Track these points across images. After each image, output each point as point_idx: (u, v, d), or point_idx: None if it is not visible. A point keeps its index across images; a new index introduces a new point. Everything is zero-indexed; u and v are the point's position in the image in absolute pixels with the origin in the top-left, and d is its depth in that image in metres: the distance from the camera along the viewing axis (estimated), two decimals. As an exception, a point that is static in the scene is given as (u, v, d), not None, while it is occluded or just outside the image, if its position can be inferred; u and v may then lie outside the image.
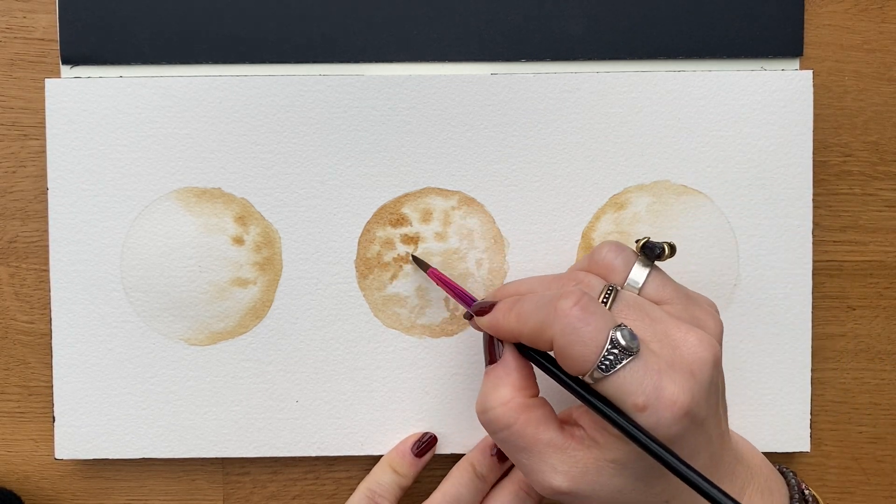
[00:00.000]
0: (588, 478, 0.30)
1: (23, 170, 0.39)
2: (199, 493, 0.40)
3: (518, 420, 0.31)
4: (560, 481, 0.30)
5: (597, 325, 0.29)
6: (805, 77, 0.38)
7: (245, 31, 0.38)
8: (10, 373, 0.39)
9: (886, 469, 0.41)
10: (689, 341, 0.30)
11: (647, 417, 0.28)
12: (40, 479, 0.40)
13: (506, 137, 0.38)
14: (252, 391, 0.38)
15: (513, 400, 0.31)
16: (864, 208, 0.40)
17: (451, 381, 0.39)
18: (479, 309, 0.33)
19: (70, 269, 0.38)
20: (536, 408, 0.31)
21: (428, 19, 0.39)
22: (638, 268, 0.33)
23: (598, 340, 0.29)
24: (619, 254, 0.33)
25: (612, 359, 0.28)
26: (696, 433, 0.30)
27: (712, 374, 0.30)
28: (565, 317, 0.29)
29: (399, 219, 0.38)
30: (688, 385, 0.29)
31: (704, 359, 0.30)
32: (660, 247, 0.32)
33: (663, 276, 0.33)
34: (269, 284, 0.38)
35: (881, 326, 0.40)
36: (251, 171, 0.38)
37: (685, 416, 0.29)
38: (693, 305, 0.32)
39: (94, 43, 0.38)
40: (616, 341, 0.28)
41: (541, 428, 0.31)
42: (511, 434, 0.31)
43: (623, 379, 0.28)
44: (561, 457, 0.31)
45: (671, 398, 0.28)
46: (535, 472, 0.31)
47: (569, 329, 0.29)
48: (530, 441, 0.31)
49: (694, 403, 0.29)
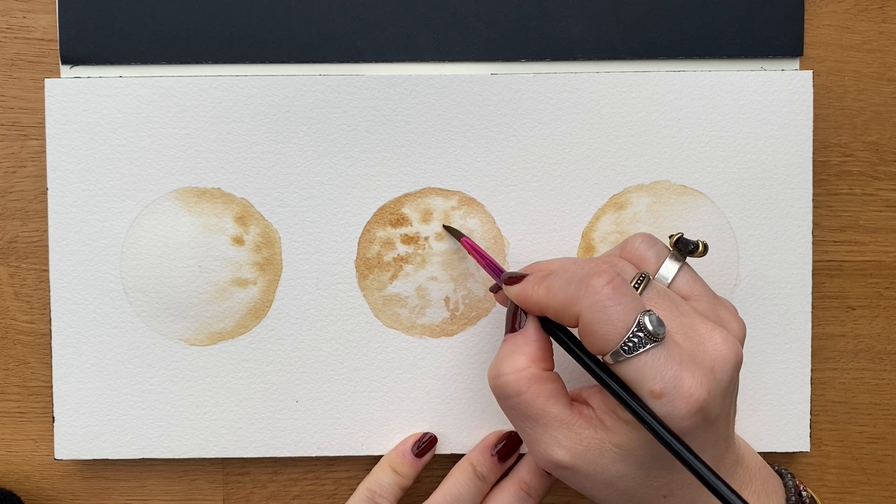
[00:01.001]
0: (590, 457, 0.31)
1: (23, 170, 0.39)
2: (199, 493, 0.40)
3: (529, 389, 0.31)
4: (561, 455, 0.31)
5: (626, 307, 0.29)
6: (805, 77, 0.38)
7: (245, 31, 0.38)
8: (10, 373, 0.39)
9: (886, 469, 0.41)
10: (714, 339, 0.30)
11: (661, 406, 0.28)
12: (40, 479, 0.40)
13: (506, 137, 0.38)
14: (252, 391, 0.38)
15: (527, 369, 0.31)
16: (864, 208, 0.40)
17: (451, 381, 0.39)
18: (509, 278, 0.33)
19: (70, 269, 0.38)
20: (549, 381, 0.32)
21: (428, 19, 0.39)
22: (669, 262, 0.33)
23: (625, 321, 0.29)
24: (651, 246, 0.33)
25: (636, 341, 0.28)
26: (706, 431, 0.30)
27: (732, 374, 0.30)
28: (596, 294, 0.29)
29: (399, 219, 0.38)
30: (707, 381, 0.29)
31: (727, 358, 0.30)
32: (694, 243, 0.32)
33: (693, 273, 0.33)
34: (269, 284, 0.38)
35: (881, 326, 0.40)
36: (251, 171, 0.38)
37: (699, 412, 0.29)
38: (719, 305, 0.33)
39: (94, 43, 0.38)
40: (643, 325, 0.29)
41: (550, 401, 0.31)
42: (520, 402, 0.31)
43: (644, 364, 0.29)
44: (566, 432, 0.31)
45: (688, 390, 0.28)
46: (539, 442, 0.31)
47: (598, 306, 0.29)
48: (538, 412, 0.31)
49: (710, 400, 0.29)
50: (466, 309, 0.39)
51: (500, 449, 0.37)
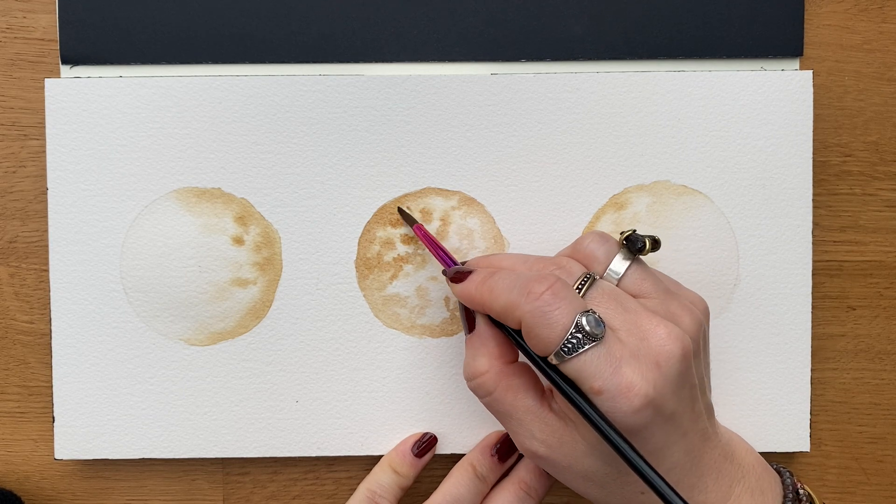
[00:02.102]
0: (564, 449, 0.31)
1: (23, 170, 0.39)
2: (199, 493, 0.40)
3: (497, 388, 0.32)
4: (537, 447, 0.32)
5: (564, 310, 0.29)
6: (805, 77, 0.38)
7: (245, 31, 0.38)
8: (10, 373, 0.39)
9: (886, 469, 0.41)
10: (658, 333, 0.30)
11: (602, 402, 0.29)
12: (40, 479, 0.40)
13: (506, 137, 0.38)
14: (252, 391, 0.38)
15: (491, 369, 0.33)
16: (864, 208, 0.40)
17: (451, 381, 0.39)
18: (455, 274, 0.34)
19: (70, 269, 0.38)
20: (515, 375, 0.33)
21: (428, 19, 0.39)
22: (619, 259, 0.33)
23: (563, 324, 0.29)
24: (602, 244, 0.34)
25: (574, 343, 0.29)
26: (665, 427, 0.30)
27: (680, 367, 0.30)
28: (536, 300, 0.30)
29: (399, 219, 0.38)
30: (651, 375, 0.29)
31: (671, 351, 0.30)
32: (642, 240, 0.33)
33: (644, 269, 0.33)
34: (269, 284, 0.38)
35: (881, 326, 0.40)
36: (251, 171, 0.38)
37: (645, 406, 0.29)
38: (671, 301, 0.33)
39: (94, 43, 0.38)
40: (581, 326, 0.29)
41: (519, 395, 0.32)
42: (492, 400, 0.33)
43: (583, 363, 0.29)
44: (538, 425, 0.32)
45: (628, 384, 0.29)
46: (516, 434, 0.33)
47: (537, 312, 0.30)
48: (509, 407, 0.32)
49: (657, 394, 0.29)
50: (466, 309, 0.39)
51: (500, 449, 0.37)
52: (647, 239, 0.33)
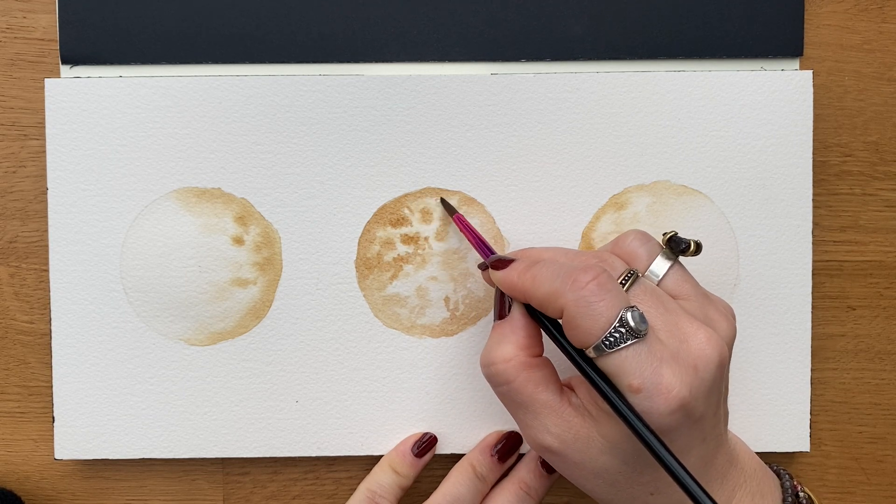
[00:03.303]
0: (578, 445, 0.31)
1: (23, 170, 0.39)
2: (199, 493, 0.40)
3: (518, 377, 0.32)
4: (551, 441, 0.31)
5: (609, 303, 0.29)
6: (805, 77, 0.38)
7: (245, 31, 0.38)
8: (10, 373, 0.39)
9: (886, 469, 0.41)
10: (698, 337, 0.30)
11: (639, 401, 0.29)
12: (40, 479, 0.40)
13: (506, 137, 0.38)
14: (252, 391, 0.38)
15: (515, 358, 0.32)
16: (864, 208, 0.40)
17: (451, 381, 0.39)
18: (495, 262, 0.33)
19: (70, 269, 0.38)
20: (538, 368, 0.32)
21: (428, 19, 0.39)
22: (660, 260, 0.33)
23: (607, 316, 0.29)
24: (644, 243, 0.33)
25: (617, 336, 0.29)
26: (691, 430, 0.30)
27: (716, 374, 0.30)
28: (581, 289, 0.29)
29: (399, 219, 0.38)
30: (688, 379, 0.29)
31: (710, 357, 0.30)
32: (686, 242, 0.33)
33: (684, 271, 0.33)
34: (269, 284, 0.38)
35: (881, 326, 0.40)
36: (251, 171, 0.38)
37: (679, 409, 0.29)
38: (709, 305, 0.33)
39: (94, 43, 0.38)
40: (625, 321, 0.29)
41: (539, 388, 0.32)
42: (510, 390, 0.32)
43: (624, 358, 0.29)
44: (555, 419, 0.31)
45: (668, 386, 0.29)
46: (529, 427, 0.32)
47: (582, 301, 0.29)
48: (527, 399, 0.32)
49: (692, 398, 0.29)
50: (466, 309, 0.39)
51: (500, 449, 0.37)
52: (691, 241, 0.33)
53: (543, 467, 0.37)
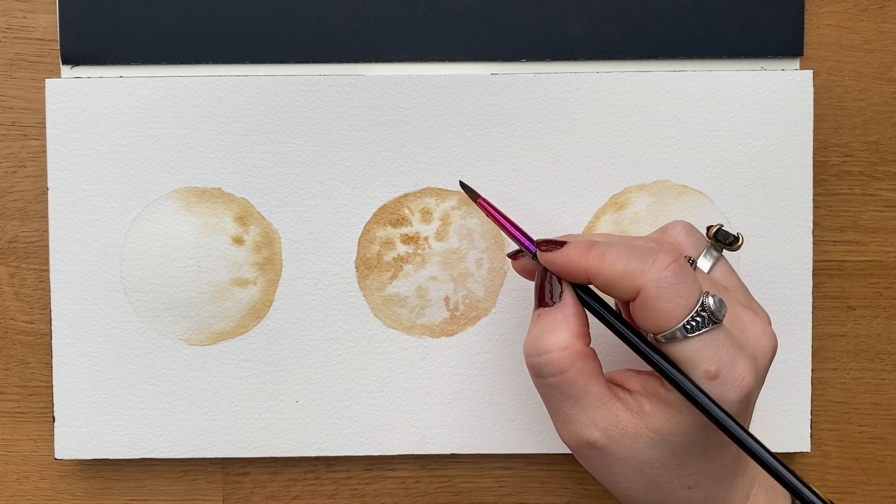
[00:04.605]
0: (625, 440, 0.30)
1: (23, 170, 0.39)
2: (199, 493, 0.40)
3: (573, 367, 0.30)
4: (597, 436, 0.30)
5: (690, 286, 0.29)
6: (805, 77, 0.38)
7: (245, 31, 0.38)
8: (10, 373, 0.39)
9: (887, 469, 0.40)
10: (755, 327, 0.31)
11: (714, 387, 0.28)
12: (40, 479, 0.40)
13: (506, 137, 0.38)
14: (252, 391, 0.38)
15: (571, 346, 0.30)
16: (864, 208, 0.40)
17: (451, 381, 0.39)
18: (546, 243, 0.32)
19: (70, 269, 0.38)
20: (591, 358, 0.31)
21: (428, 19, 0.39)
22: (707, 253, 0.33)
23: (689, 300, 0.28)
24: (691, 235, 0.33)
25: (699, 321, 0.28)
26: (744, 419, 0.30)
27: (768, 365, 0.31)
28: (663, 269, 0.29)
29: (399, 219, 0.38)
30: (752, 367, 0.29)
31: (766, 347, 0.30)
32: (733, 236, 0.33)
33: (728, 265, 0.33)
34: (269, 284, 0.38)
35: (881, 326, 0.40)
36: (251, 171, 0.38)
37: (746, 397, 0.29)
38: (751, 299, 0.33)
39: (94, 43, 0.38)
40: (707, 305, 0.29)
41: (592, 379, 0.30)
42: (562, 380, 0.30)
43: (703, 344, 0.28)
44: (603, 413, 0.30)
45: (741, 374, 0.29)
46: (574, 421, 0.31)
47: (664, 282, 0.29)
48: (579, 391, 0.30)
49: (754, 388, 0.29)
50: (466, 309, 0.39)
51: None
52: (739, 234, 0.33)
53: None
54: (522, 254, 0.33)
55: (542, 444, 0.39)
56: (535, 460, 0.40)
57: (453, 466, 0.40)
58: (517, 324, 0.39)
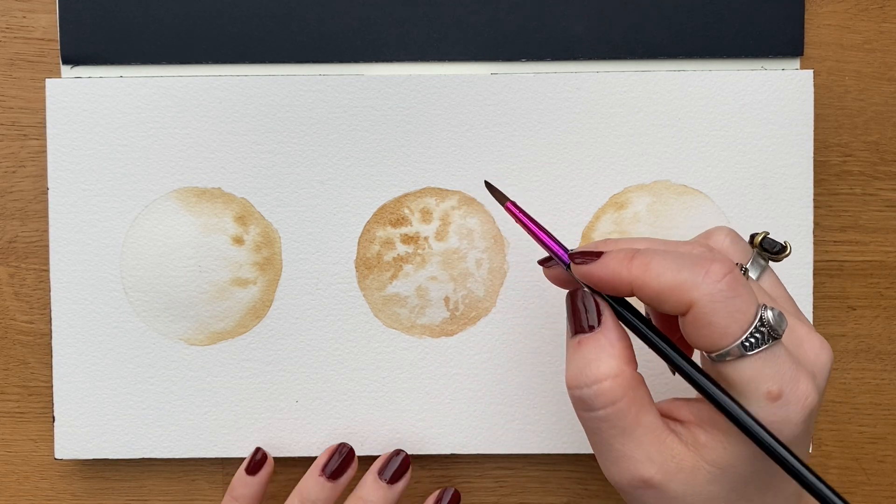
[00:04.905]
0: (682, 476, 0.27)
1: (23, 170, 0.39)
2: (199, 493, 0.40)
3: (626, 396, 0.27)
4: (653, 473, 0.27)
5: (747, 299, 0.26)
6: (805, 77, 0.38)
7: (245, 31, 0.38)
8: (10, 373, 0.39)
9: (887, 469, 0.40)
10: (812, 341, 0.28)
11: (777, 409, 0.26)
12: (40, 480, 0.40)
13: (506, 137, 0.38)
14: (252, 391, 0.38)
15: (623, 373, 0.27)
16: (865, 208, 0.40)
17: (451, 381, 0.39)
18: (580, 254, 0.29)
19: (70, 269, 0.38)
20: (641, 385, 0.28)
21: (428, 19, 0.39)
22: (754, 263, 0.30)
23: (747, 315, 0.26)
24: (736, 242, 0.30)
25: (759, 337, 0.26)
26: (806, 439, 0.28)
27: (827, 380, 0.28)
28: (718, 281, 0.26)
29: (399, 219, 0.38)
30: (814, 384, 0.27)
31: (825, 362, 0.28)
32: (781, 245, 0.30)
33: (775, 275, 0.31)
34: (269, 284, 0.38)
35: (882, 326, 0.40)
36: (251, 171, 0.38)
37: (809, 417, 0.26)
38: (799, 310, 0.30)
39: (94, 43, 0.38)
40: (766, 320, 0.26)
41: (644, 409, 0.27)
42: (614, 412, 0.27)
43: (763, 362, 0.26)
44: (658, 447, 0.27)
45: (805, 393, 0.26)
46: (627, 458, 0.28)
47: (719, 296, 0.26)
48: (632, 422, 0.27)
49: (816, 407, 0.27)
50: (466, 309, 0.39)
51: (331, 468, 0.37)
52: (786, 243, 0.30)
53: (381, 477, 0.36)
54: (554, 262, 0.31)
55: (542, 444, 0.39)
56: (535, 460, 0.40)
57: (453, 466, 0.40)
58: (517, 324, 0.39)
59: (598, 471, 0.40)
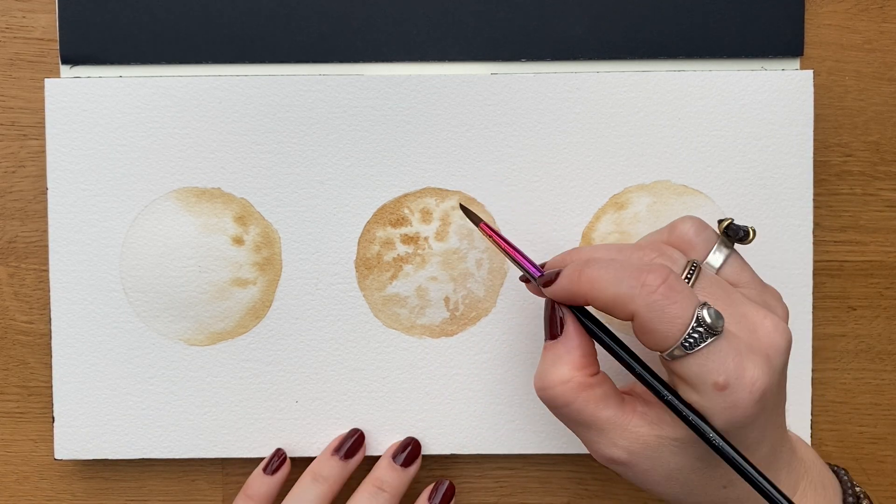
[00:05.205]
0: (648, 453, 0.30)
1: (22, 170, 0.39)
2: (199, 493, 0.40)
3: (577, 399, 0.31)
4: (619, 454, 0.31)
5: (683, 304, 0.28)
6: (805, 77, 0.38)
7: (245, 31, 0.38)
8: (10, 373, 0.39)
9: (887, 469, 0.40)
10: (765, 325, 0.30)
11: (726, 397, 0.28)
12: (40, 480, 0.40)
13: (506, 137, 0.38)
14: (252, 391, 0.38)
15: (572, 380, 0.31)
16: (865, 208, 0.40)
17: (451, 381, 0.39)
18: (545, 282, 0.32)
19: (70, 269, 0.38)
20: (596, 386, 0.31)
21: (428, 19, 0.38)
22: (718, 249, 0.32)
23: (683, 318, 0.28)
24: (700, 231, 0.33)
25: (696, 337, 0.28)
26: (766, 419, 0.30)
27: (785, 360, 0.30)
28: (651, 293, 0.29)
29: (399, 219, 0.38)
30: (766, 368, 0.29)
31: (779, 344, 0.30)
32: (744, 229, 0.32)
33: (741, 259, 0.33)
34: (269, 284, 0.38)
35: (882, 326, 0.40)
36: (251, 171, 0.38)
37: (761, 399, 0.29)
38: (766, 292, 0.32)
39: (93, 43, 0.38)
40: (702, 320, 0.28)
41: (600, 405, 0.31)
42: (570, 411, 0.31)
43: (706, 357, 0.28)
44: (620, 432, 0.31)
45: (751, 379, 0.28)
46: (595, 444, 0.31)
47: (655, 306, 0.28)
48: (589, 418, 0.31)
49: (769, 388, 0.29)
50: (466, 309, 0.39)
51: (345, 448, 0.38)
52: (749, 228, 0.32)
53: (395, 461, 0.37)
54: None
55: (542, 444, 0.39)
56: (535, 460, 0.40)
57: (453, 466, 0.40)
58: (517, 324, 0.39)
59: (598, 471, 0.40)
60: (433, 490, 0.38)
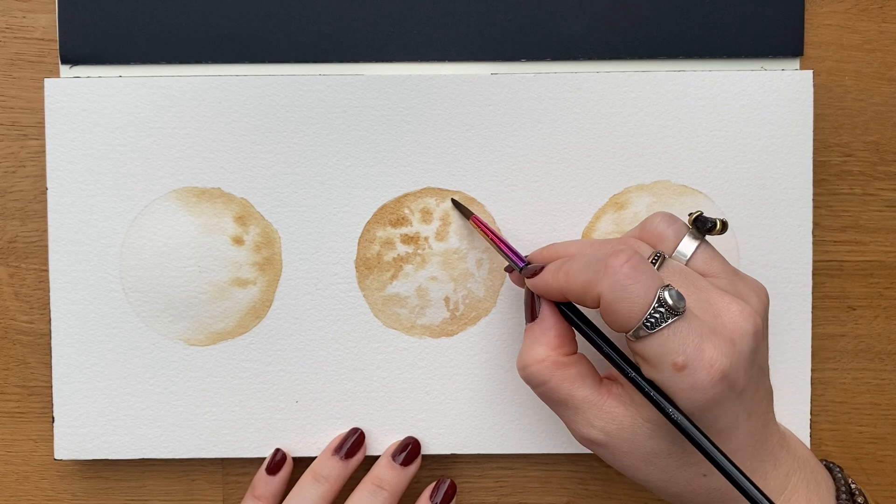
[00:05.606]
0: (624, 434, 0.31)
1: (22, 170, 0.39)
2: (199, 493, 0.40)
3: (553, 377, 0.32)
4: (596, 434, 0.32)
5: (645, 284, 0.29)
6: (805, 77, 0.38)
7: (245, 31, 0.38)
8: (10, 373, 0.39)
9: (887, 469, 0.40)
10: (731, 311, 0.31)
11: (684, 378, 0.29)
12: (40, 480, 0.40)
13: (506, 137, 0.38)
14: (252, 391, 0.38)
15: (547, 358, 0.32)
16: (865, 208, 0.40)
17: (451, 381, 0.39)
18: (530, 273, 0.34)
19: (70, 269, 0.38)
20: (572, 365, 0.32)
21: (428, 19, 0.38)
22: (688, 240, 0.33)
23: (646, 298, 0.29)
24: (670, 224, 0.33)
25: (657, 317, 0.29)
26: (735, 403, 0.30)
27: (752, 345, 0.30)
28: (615, 273, 0.29)
29: (399, 219, 0.38)
30: (727, 351, 0.29)
31: (744, 329, 0.30)
32: (712, 221, 0.33)
33: (712, 250, 0.34)
34: (269, 284, 0.38)
35: (881, 326, 0.40)
36: (251, 171, 0.38)
37: (722, 380, 0.29)
38: (738, 281, 0.33)
39: (93, 43, 0.38)
40: (663, 300, 0.29)
41: (576, 384, 0.32)
42: (547, 389, 0.32)
43: (666, 338, 0.29)
44: (596, 412, 0.32)
45: (710, 360, 0.29)
46: (573, 423, 0.32)
47: (618, 286, 0.29)
48: (565, 396, 0.32)
49: (732, 370, 0.29)
50: (466, 309, 0.39)
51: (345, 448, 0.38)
52: (717, 220, 0.33)
53: (394, 460, 0.37)
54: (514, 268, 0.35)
55: (542, 444, 0.39)
56: (535, 460, 0.40)
57: (453, 466, 0.40)
58: (517, 324, 0.39)
59: (599, 471, 0.40)
60: (434, 489, 0.38)
